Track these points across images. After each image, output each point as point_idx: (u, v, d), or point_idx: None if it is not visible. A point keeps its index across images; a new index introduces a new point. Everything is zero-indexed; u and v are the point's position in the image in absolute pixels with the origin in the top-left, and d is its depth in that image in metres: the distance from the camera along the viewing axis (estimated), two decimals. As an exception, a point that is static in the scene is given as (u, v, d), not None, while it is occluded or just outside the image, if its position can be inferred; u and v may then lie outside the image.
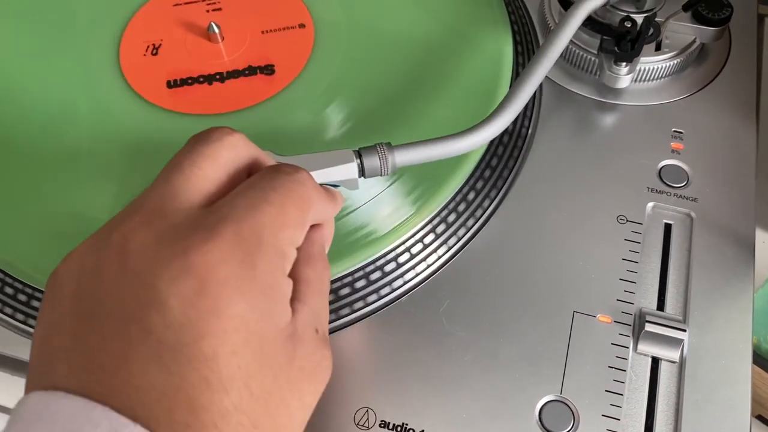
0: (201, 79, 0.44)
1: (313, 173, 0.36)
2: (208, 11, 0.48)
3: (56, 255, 0.27)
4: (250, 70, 0.44)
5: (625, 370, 0.36)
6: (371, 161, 0.37)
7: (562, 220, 0.40)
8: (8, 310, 0.39)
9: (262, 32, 0.46)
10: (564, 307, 0.38)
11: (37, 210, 0.39)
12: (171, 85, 0.44)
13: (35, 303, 0.38)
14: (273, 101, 0.43)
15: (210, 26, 0.45)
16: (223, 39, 0.46)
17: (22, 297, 0.38)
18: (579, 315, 0.37)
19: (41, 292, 0.38)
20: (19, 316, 0.38)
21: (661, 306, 0.38)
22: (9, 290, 0.39)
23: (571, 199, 0.41)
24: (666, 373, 0.36)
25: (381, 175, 0.37)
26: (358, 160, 0.37)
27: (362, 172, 0.37)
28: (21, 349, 0.38)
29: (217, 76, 0.44)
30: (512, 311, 0.37)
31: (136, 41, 0.47)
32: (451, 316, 0.37)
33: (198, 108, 0.43)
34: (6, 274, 0.39)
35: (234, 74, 0.44)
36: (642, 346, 0.36)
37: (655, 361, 0.36)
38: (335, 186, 0.38)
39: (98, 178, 0.40)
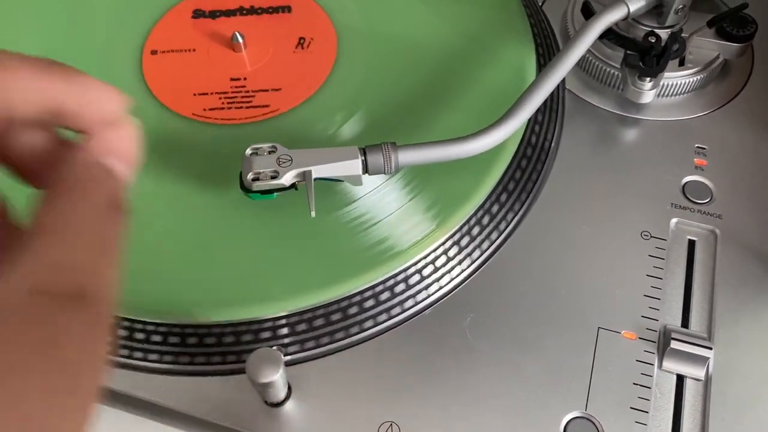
0: (222, 89, 0.44)
1: (317, 167, 0.37)
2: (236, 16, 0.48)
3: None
4: (271, 81, 0.44)
5: (650, 388, 0.35)
6: (375, 159, 0.37)
7: (586, 234, 0.40)
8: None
9: (286, 42, 0.46)
10: (588, 323, 0.37)
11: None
12: (193, 93, 0.44)
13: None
14: (294, 113, 0.43)
15: (234, 36, 0.45)
16: (246, 48, 0.46)
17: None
18: (603, 331, 0.37)
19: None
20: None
21: (685, 323, 0.38)
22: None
23: (594, 213, 0.41)
24: (691, 391, 0.36)
25: (385, 173, 0.38)
26: (363, 157, 0.37)
27: (366, 169, 0.37)
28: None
29: (238, 87, 0.44)
30: (537, 326, 0.37)
31: (159, 47, 0.47)
32: (475, 331, 0.37)
33: (218, 117, 0.43)
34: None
35: (255, 84, 0.44)
36: (667, 364, 0.36)
37: (680, 379, 0.36)
38: (339, 181, 0.38)
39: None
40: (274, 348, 0.33)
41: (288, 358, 0.36)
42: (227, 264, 0.38)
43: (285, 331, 0.37)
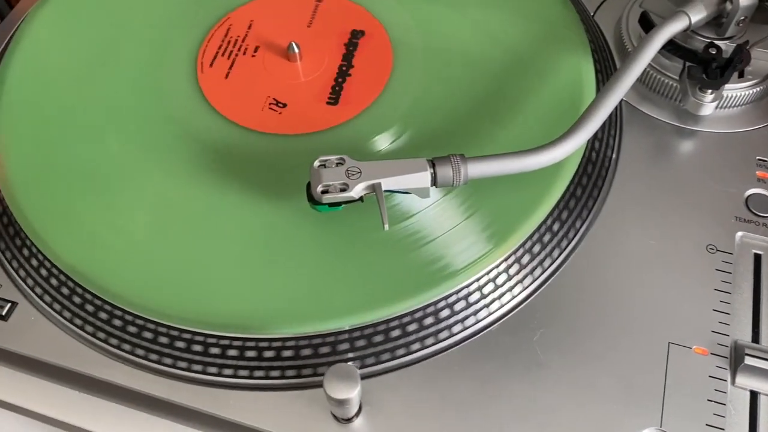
0: (275, 99, 0.44)
1: (385, 180, 0.36)
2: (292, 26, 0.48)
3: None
4: (326, 93, 0.44)
5: (724, 404, 0.35)
6: (444, 171, 0.37)
7: (651, 248, 0.40)
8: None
9: (342, 59, 0.46)
10: (659, 338, 0.37)
11: (108, 220, 0.39)
12: (245, 101, 0.44)
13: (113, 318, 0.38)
14: (349, 125, 0.42)
15: (290, 46, 0.45)
16: (301, 59, 0.45)
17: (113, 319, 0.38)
18: (674, 346, 0.37)
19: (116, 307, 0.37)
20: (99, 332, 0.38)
21: (755, 338, 0.37)
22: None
23: (658, 227, 0.41)
24: (766, 407, 0.35)
25: (453, 186, 0.37)
26: (432, 170, 0.37)
27: (434, 181, 0.37)
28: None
29: (292, 97, 0.44)
30: (607, 341, 0.37)
31: (215, 51, 0.47)
32: (545, 346, 0.37)
33: (269, 126, 0.43)
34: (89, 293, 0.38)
35: (309, 96, 0.44)
36: (740, 380, 0.36)
37: (754, 395, 0.36)
38: (406, 193, 0.38)
39: (168, 185, 0.40)
40: (350, 364, 0.33)
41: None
42: (289, 277, 0.37)
43: (346, 346, 0.36)
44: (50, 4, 0.49)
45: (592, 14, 0.51)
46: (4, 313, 0.39)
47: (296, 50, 0.45)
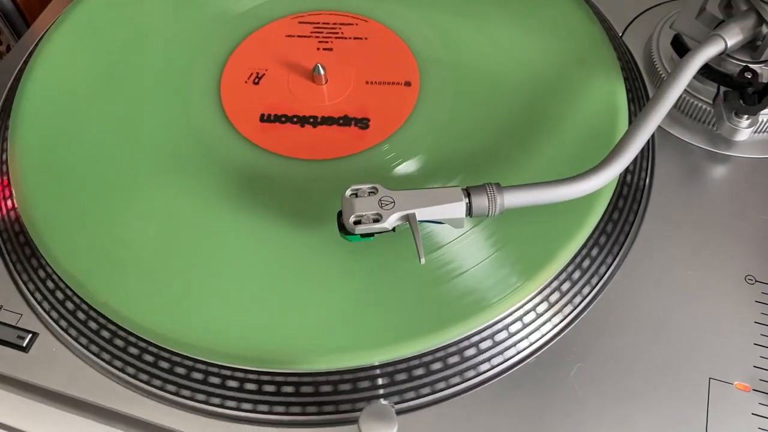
0: (295, 119, 0.43)
1: (419, 210, 0.35)
2: (318, 49, 0.47)
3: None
4: (345, 121, 0.43)
5: (769, 444, 0.34)
6: (479, 201, 0.36)
7: (688, 279, 0.39)
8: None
9: (367, 82, 0.45)
10: (699, 374, 0.36)
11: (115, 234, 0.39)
12: (264, 119, 0.43)
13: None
14: (374, 151, 0.42)
15: (316, 68, 0.44)
16: (326, 82, 0.44)
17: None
18: (715, 382, 0.36)
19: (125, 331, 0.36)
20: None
21: (798, 373, 0.36)
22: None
23: (694, 257, 0.40)
24: (812, 446, 0.34)
25: (488, 216, 0.36)
26: (467, 199, 0.36)
27: (470, 211, 0.36)
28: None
29: (311, 120, 0.43)
30: (646, 377, 0.36)
31: (241, 66, 0.46)
32: (583, 381, 0.36)
33: (284, 148, 0.42)
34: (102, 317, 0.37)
35: (328, 121, 0.43)
36: (784, 417, 0.35)
37: (799, 434, 0.35)
38: (439, 223, 0.36)
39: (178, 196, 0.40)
40: (387, 403, 0.32)
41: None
42: (322, 310, 0.36)
43: (382, 381, 0.35)
44: (68, 23, 0.48)
45: (620, 34, 0.50)
46: (24, 344, 0.38)
47: (321, 72, 0.44)
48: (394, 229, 0.35)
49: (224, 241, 0.38)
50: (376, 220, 0.35)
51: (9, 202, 0.41)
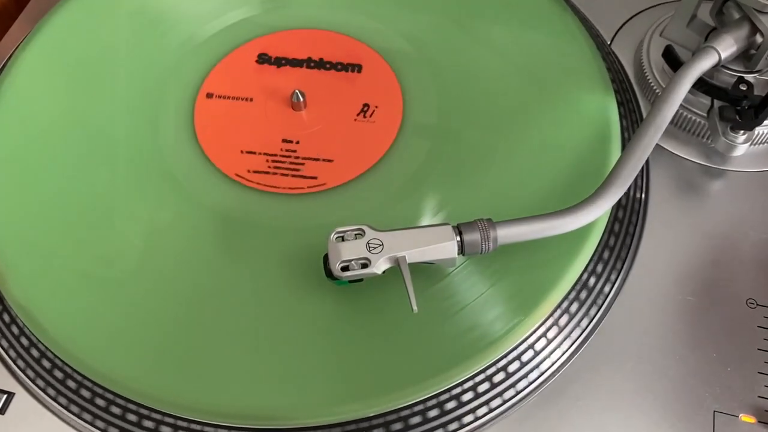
0: (271, 151, 0.41)
1: (409, 252, 0.34)
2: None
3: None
4: (325, 150, 0.41)
5: (777, 479, 0.33)
6: (472, 238, 0.34)
7: (688, 305, 0.38)
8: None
9: (348, 107, 0.43)
10: (703, 406, 0.35)
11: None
12: (241, 150, 0.41)
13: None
14: (341, 190, 0.40)
15: (294, 94, 0.42)
16: (305, 108, 0.42)
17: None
18: (720, 415, 0.35)
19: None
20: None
21: (803, 401, 0.35)
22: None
23: (694, 280, 0.39)
24: (820, 479, 0.34)
25: (481, 254, 0.35)
26: (458, 238, 0.34)
27: (462, 250, 0.34)
28: None
29: (289, 151, 0.41)
30: (650, 412, 0.35)
31: (215, 91, 0.44)
32: (583, 420, 0.35)
33: (261, 182, 0.40)
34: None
35: (307, 151, 0.41)
36: (791, 450, 0.34)
37: (807, 466, 0.34)
38: (430, 264, 0.35)
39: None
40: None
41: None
42: (304, 358, 0.35)
43: (397, 426, 0.34)
44: (33, 47, 0.45)
45: (609, 42, 0.48)
46: (0, 406, 0.36)
47: (300, 99, 0.42)
48: (384, 272, 0.34)
49: (209, 289, 0.36)
50: (364, 265, 0.33)
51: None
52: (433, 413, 0.34)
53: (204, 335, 0.35)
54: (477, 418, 0.35)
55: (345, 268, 0.33)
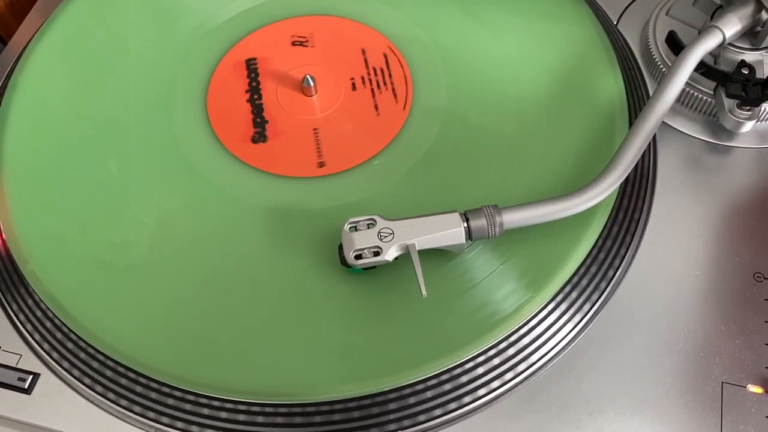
0: (286, 138, 0.42)
1: (419, 239, 0.35)
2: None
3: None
4: (340, 132, 0.42)
5: (785, 447, 0.34)
6: (478, 224, 0.35)
7: (696, 279, 0.38)
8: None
9: (354, 88, 0.44)
10: (711, 377, 0.36)
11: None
12: (256, 139, 0.42)
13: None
14: (347, 175, 0.41)
15: (305, 79, 0.42)
16: (317, 93, 0.43)
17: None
18: (728, 386, 0.35)
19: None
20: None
21: (810, 372, 0.36)
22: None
23: (701, 256, 0.39)
24: (827, 447, 0.34)
25: (488, 239, 0.36)
26: (465, 224, 0.35)
27: (469, 236, 0.35)
28: None
29: (306, 135, 0.42)
30: (659, 384, 0.36)
31: (226, 82, 0.45)
32: (595, 393, 0.35)
33: (280, 168, 0.41)
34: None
35: (323, 133, 0.42)
36: (799, 419, 0.34)
37: (814, 434, 0.34)
38: (440, 250, 0.36)
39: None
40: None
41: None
42: (326, 337, 0.36)
43: (393, 406, 0.35)
44: (48, 38, 0.46)
45: (615, 23, 0.48)
46: (26, 386, 0.37)
47: (311, 84, 0.43)
48: (396, 259, 0.35)
49: (228, 272, 0.37)
50: (376, 253, 0.34)
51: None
52: (447, 386, 0.35)
53: (224, 317, 0.36)
54: (491, 391, 0.35)
55: (358, 257, 0.34)
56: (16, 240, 0.38)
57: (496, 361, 0.35)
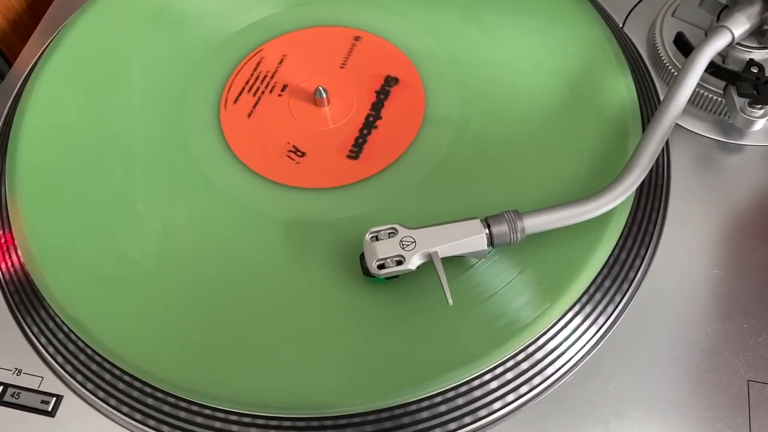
0: (295, 147, 0.42)
1: (441, 247, 0.35)
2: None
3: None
4: (348, 146, 0.42)
5: (813, 442, 0.34)
6: (500, 229, 0.35)
7: (715, 276, 0.39)
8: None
9: (370, 103, 0.44)
10: (736, 376, 0.36)
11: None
12: (271, 151, 0.42)
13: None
14: (364, 184, 0.41)
15: (317, 91, 0.42)
16: (328, 104, 0.43)
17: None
18: (754, 384, 0.36)
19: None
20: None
21: (834, 367, 0.36)
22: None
23: (719, 254, 0.39)
24: None
25: (510, 244, 0.36)
26: (487, 230, 0.35)
27: (491, 242, 0.35)
28: None
29: (313, 146, 0.42)
30: (685, 384, 0.36)
31: (241, 86, 0.45)
32: (622, 395, 0.36)
33: (294, 179, 0.41)
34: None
35: (330, 147, 0.42)
36: (825, 413, 0.35)
37: (841, 428, 0.35)
38: (462, 257, 0.36)
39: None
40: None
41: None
42: (344, 350, 0.36)
43: (425, 415, 0.35)
44: (54, 59, 0.46)
45: (621, 25, 0.49)
46: (50, 409, 0.37)
47: (324, 95, 0.43)
48: (418, 267, 0.35)
49: (248, 285, 0.37)
50: (399, 262, 0.34)
51: (14, 258, 0.40)
52: (477, 393, 0.35)
53: (250, 332, 0.36)
54: (520, 396, 0.35)
55: (381, 266, 0.34)
56: (34, 262, 0.38)
57: (524, 365, 0.35)
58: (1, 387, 0.37)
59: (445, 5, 0.47)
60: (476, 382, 0.35)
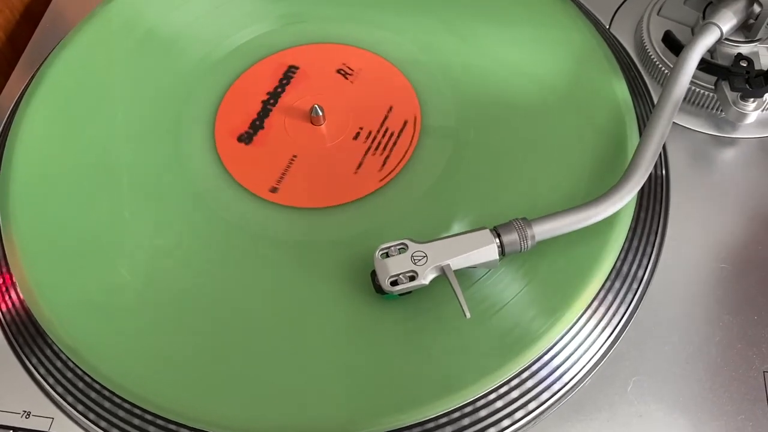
0: (301, 168, 0.42)
1: (453, 260, 0.34)
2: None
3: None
4: (351, 160, 0.42)
5: (832, 429, 0.34)
6: (510, 238, 0.35)
7: (723, 271, 0.39)
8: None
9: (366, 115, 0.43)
10: (752, 368, 0.36)
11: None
12: (264, 167, 0.41)
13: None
14: (361, 203, 0.40)
15: (314, 109, 0.42)
16: (325, 121, 0.43)
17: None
18: (770, 374, 0.36)
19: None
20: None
21: None
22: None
23: (725, 247, 0.40)
24: None
25: (521, 252, 0.36)
26: (497, 240, 0.35)
27: (502, 251, 0.35)
28: None
29: (317, 164, 0.42)
30: (702, 379, 0.36)
31: (232, 115, 0.44)
32: (641, 395, 0.36)
33: (292, 199, 0.40)
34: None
35: (334, 162, 0.42)
36: (841, 400, 0.35)
37: None
38: (474, 268, 0.36)
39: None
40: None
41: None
42: (356, 370, 0.35)
43: (449, 429, 0.35)
44: (40, 94, 0.45)
45: (608, 26, 0.49)
46: (49, 438, 0.36)
47: (320, 113, 0.42)
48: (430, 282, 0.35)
49: (251, 308, 0.37)
50: (411, 278, 0.34)
51: (14, 296, 0.39)
52: (499, 404, 0.35)
53: (245, 356, 0.35)
54: (541, 404, 0.35)
55: (394, 283, 0.34)
56: (36, 303, 0.37)
57: (543, 372, 0.35)
58: (11, 432, 0.36)
59: (434, 17, 0.47)
60: (493, 395, 0.35)
